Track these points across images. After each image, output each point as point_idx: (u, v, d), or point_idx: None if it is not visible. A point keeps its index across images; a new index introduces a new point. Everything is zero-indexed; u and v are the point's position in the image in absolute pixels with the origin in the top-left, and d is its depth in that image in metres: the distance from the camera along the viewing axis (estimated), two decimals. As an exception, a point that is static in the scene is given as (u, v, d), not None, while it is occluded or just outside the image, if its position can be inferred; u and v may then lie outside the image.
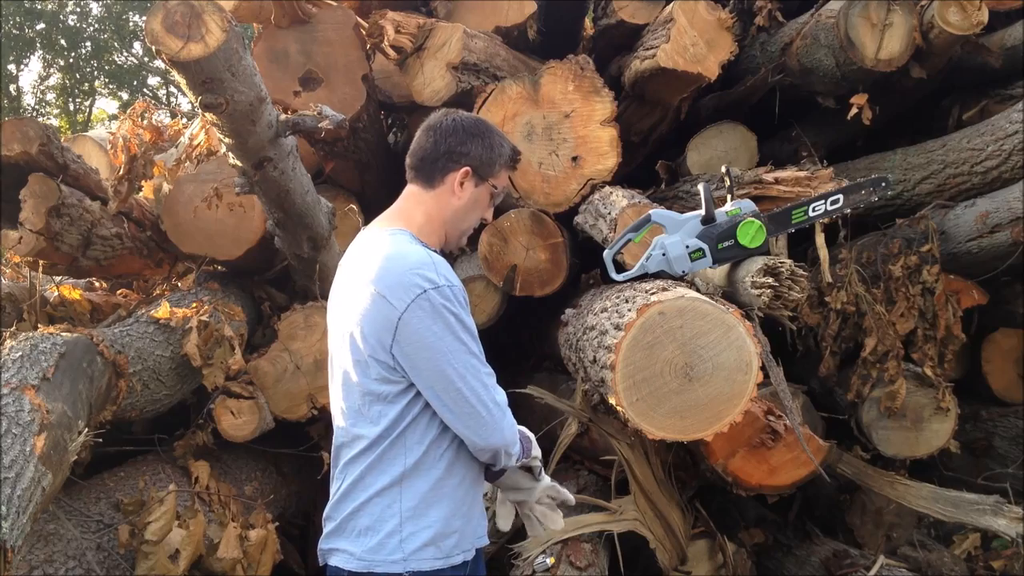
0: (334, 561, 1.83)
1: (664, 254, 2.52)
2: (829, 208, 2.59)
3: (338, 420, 1.89)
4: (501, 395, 1.85)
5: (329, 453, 2.77)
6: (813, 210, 2.60)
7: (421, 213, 1.91)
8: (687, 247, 2.50)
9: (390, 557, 1.74)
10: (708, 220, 2.49)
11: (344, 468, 1.85)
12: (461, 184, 1.89)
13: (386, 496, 1.77)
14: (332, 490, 1.88)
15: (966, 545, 3.57)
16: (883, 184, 2.62)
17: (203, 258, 3.61)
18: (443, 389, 1.73)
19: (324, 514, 1.89)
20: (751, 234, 2.46)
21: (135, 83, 17.83)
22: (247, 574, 2.90)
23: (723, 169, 2.60)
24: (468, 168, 1.89)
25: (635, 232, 2.64)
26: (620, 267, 2.74)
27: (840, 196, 2.60)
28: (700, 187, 2.53)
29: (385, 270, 1.75)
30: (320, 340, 3.30)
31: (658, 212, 2.61)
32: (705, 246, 2.49)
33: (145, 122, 3.88)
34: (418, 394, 1.76)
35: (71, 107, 18.18)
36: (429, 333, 1.70)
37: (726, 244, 2.47)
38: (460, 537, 1.80)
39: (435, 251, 1.85)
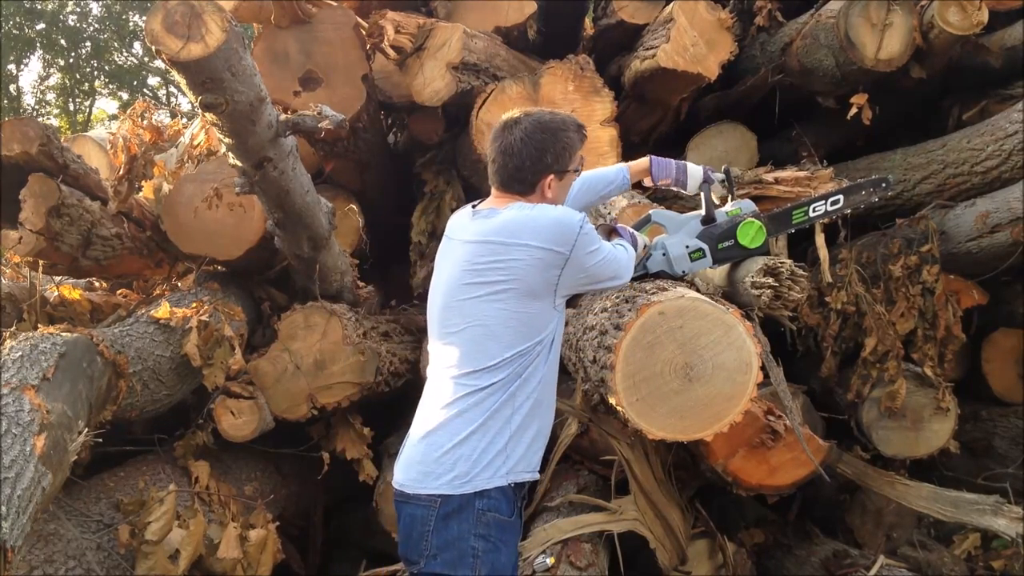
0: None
1: (664, 254, 2.52)
2: (829, 208, 2.59)
3: None
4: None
5: (329, 453, 2.80)
6: (813, 210, 2.60)
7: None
8: (687, 247, 2.50)
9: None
10: (708, 220, 2.49)
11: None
12: (550, 186, 2.16)
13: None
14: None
15: (966, 545, 3.57)
16: (883, 185, 2.62)
17: (203, 258, 3.61)
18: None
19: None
20: (751, 234, 2.46)
21: (135, 83, 17.82)
22: (247, 574, 2.90)
23: (723, 169, 2.59)
24: (551, 175, 2.15)
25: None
26: None
27: (840, 196, 2.60)
28: (701, 188, 2.54)
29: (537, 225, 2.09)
30: (320, 340, 3.31)
31: (658, 212, 2.61)
32: (705, 246, 2.49)
33: (145, 122, 3.88)
34: None
35: (71, 107, 18.17)
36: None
37: (726, 244, 2.47)
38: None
39: None
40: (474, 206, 2.27)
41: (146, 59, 17.50)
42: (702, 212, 2.51)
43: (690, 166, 2.56)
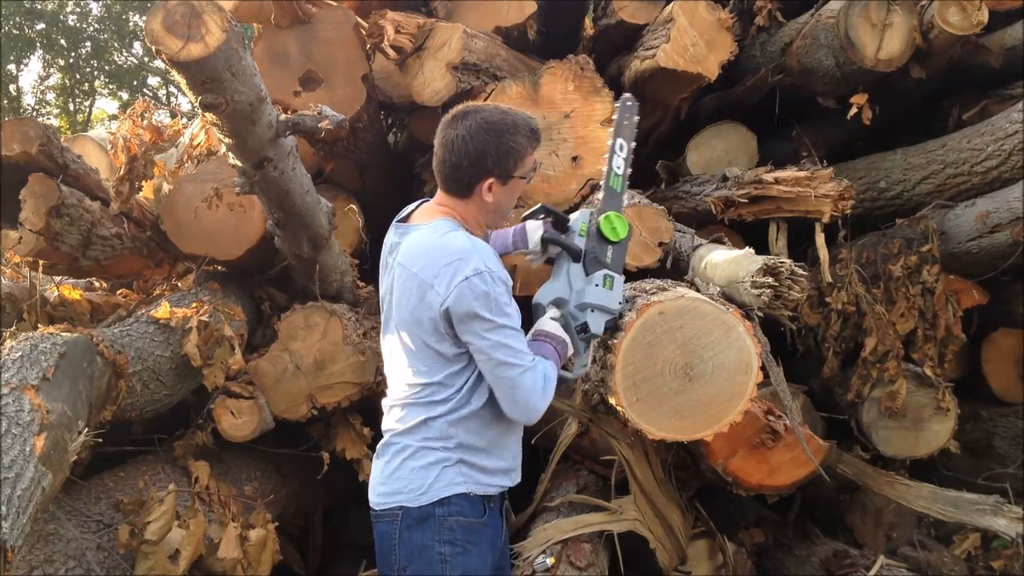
0: None
1: (593, 309, 2.18)
2: (619, 153, 2.32)
3: None
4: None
5: (329, 453, 2.80)
6: (616, 166, 2.32)
7: (459, 212, 2.05)
8: (597, 285, 2.19)
9: None
10: (577, 254, 2.20)
11: None
12: (489, 190, 2.00)
13: None
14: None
15: (966, 545, 3.57)
16: (628, 103, 2.39)
17: (203, 258, 3.61)
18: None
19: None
20: (614, 226, 2.20)
21: (135, 83, 17.81)
22: (247, 574, 2.90)
23: (539, 207, 2.27)
24: (492, 179, 1.99)
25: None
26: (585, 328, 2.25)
27: (615, 138, 2.35)
28: (552, 248, 2.24)
29: (432, 257, 1.95)
30: (320, 340, 3.31)
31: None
32: (603, 270, 2.21)
33: (145, 122, 3.88)
34: None
35: (71, 107, 18.17)
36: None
37: (609, 252, 2.21)
38: None
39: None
40: (401, 219, 2.13)
41: (146, 59, 17.50)
42: (566, 255, 2.21)
43: (528, 225, 2.30)
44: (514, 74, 3.78)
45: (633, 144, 2.38)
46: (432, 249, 1.95)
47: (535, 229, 2.28)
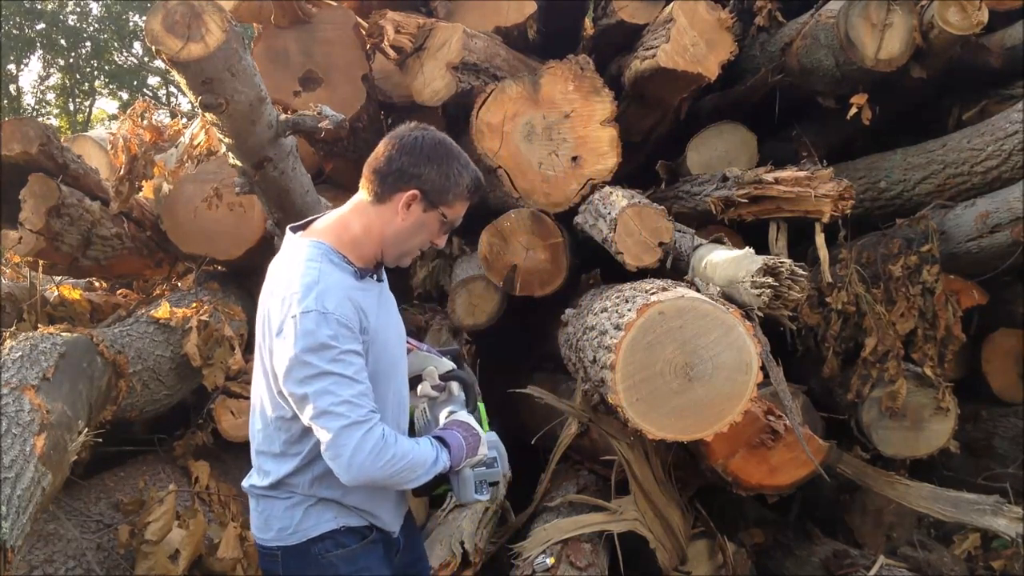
0: None
1: (497, 451, 1.98)
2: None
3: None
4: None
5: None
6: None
7: (360, 225, 1.86)
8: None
9: None
10: (474, 410, 2.05)
11: None
12: (408, 206, 1.83)
13: None
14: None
15: (966, 545, 3.56)
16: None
17: (203, 258, 3.61)
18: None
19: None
20: (485, 418, 2.08)
21: (135, 83, 17.82)
22: (247, 574, 2.90)
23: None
24: (417, 192, 1.82)
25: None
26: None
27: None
28: (454, 385, 2.08)
29: (281, 286, 1.79)
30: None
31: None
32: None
33: (145, 122, 3.88)
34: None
35: (71, 107, 18.18)
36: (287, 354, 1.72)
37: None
38: None
39: (357, 268, 1.84)
40: (295, 227, 1.96)
41: (146, 59, 17.50)
42: (461, 401, 2.05)
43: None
44: (514, 74, 3.78)
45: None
46: (281, 275, 1.82)
47: (443, 362, 2.10)
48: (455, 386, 2.05)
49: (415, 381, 2.07)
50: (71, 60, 17.20)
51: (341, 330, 1.72)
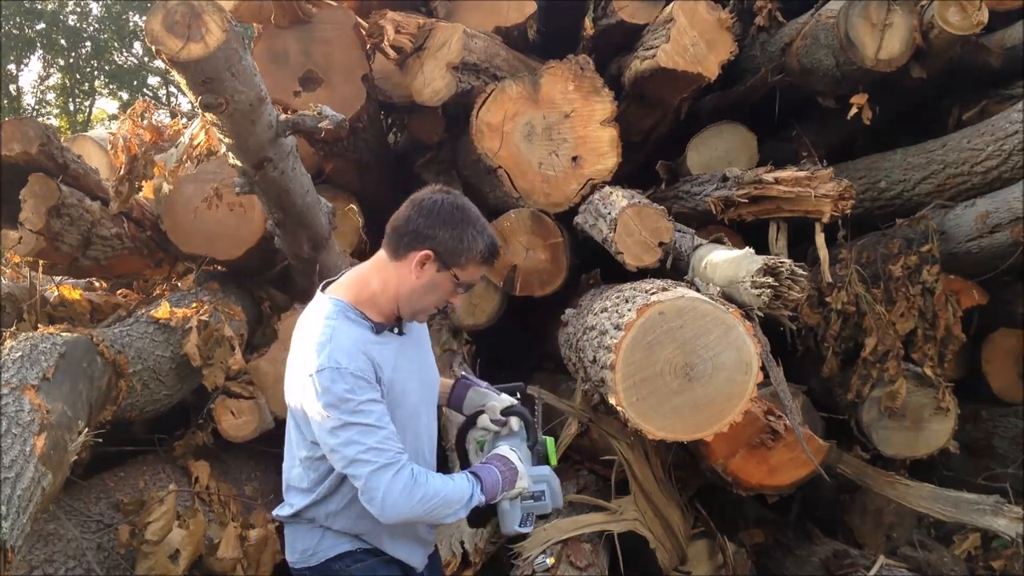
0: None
1: (548, 486, 2.07)
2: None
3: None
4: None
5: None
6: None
7: (379, 281, 1.95)
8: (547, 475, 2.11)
9: None
10: (533, 445, 2.13)
11: None
12: (421, 265, 1.90)
13: None
14: None
15: (966, 545, 3.57)
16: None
17: (203, 258, 3.61)
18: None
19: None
20: (554, 452, 2.19)
21: (135, 83, 17.81)
22: (247, 574, 2.90)
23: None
24: (430, 252, 1.89)
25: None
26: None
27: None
28: (514, 420, 2.13)
29: (301, 344, 1.94)
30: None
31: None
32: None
33: (145, 122, 3.88)
34: None
35: (71, 107, 18.17)
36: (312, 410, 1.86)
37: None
38: None
39: (374, 323, 1.93)
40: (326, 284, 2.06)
41: (146, 59, 17.49)
42: (522, 439, 2.12)
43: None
44: (514, 74, 3.78)
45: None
46: (304, 331, 1.94)
47: (503, 398, 2.17)
48: (515, 421, 2.11)
49: (477, 415, 2.17)
50: (71, 60, 17.19)
51: (357, 382, 1.82)
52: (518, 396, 2.20)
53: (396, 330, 2.00)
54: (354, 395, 1.81)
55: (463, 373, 2.27)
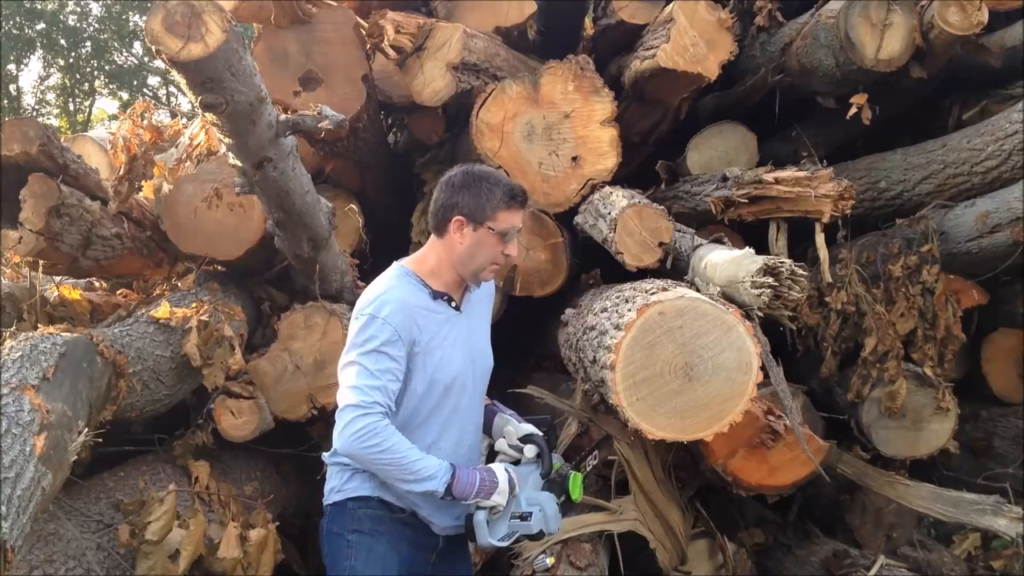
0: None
1: (542, 511, 2.13)
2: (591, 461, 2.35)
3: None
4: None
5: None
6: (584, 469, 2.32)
7: (434, 258, 2.19)
8: (552, 503, 2.18)
9: None
10: (547, 474, 2.20)
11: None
12: (460, 231, 2.13)
13: None
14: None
15: (966, 545, 3.57)
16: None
17: (203, 258, 3.61)
18: None
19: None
20: (578, 487, 2.23)
21: (135, 83, 17.80)
22: (247, 574, 2.90)
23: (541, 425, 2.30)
24: (460, 218, 2.11)
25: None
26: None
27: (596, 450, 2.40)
28: (529, 448, 2.23)
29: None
30: (320, 340, 3.30)
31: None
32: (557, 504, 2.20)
33: (145, 122, 3.87)
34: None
35: (71, 107, 18.16)
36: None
37: (560, 501, 2.20)
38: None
39: (433, 290, 2.16)
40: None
41: (146, 59, 17.48)
42: (537, 466, 2.21)
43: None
44: (514, 74, 3.78)
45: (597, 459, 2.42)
46: (368, 287, 2.19)
47: (523, 426, 2.27)
48: (530, 448, 2.22)
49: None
50: (71, 60, 17.18)
51: (385, 333, 2.02)
52: (544, 429, 2.29)
53: (453, 304, 2.19)
54: (374, 341, 2.01)
55: (492, 400, 2.40)
